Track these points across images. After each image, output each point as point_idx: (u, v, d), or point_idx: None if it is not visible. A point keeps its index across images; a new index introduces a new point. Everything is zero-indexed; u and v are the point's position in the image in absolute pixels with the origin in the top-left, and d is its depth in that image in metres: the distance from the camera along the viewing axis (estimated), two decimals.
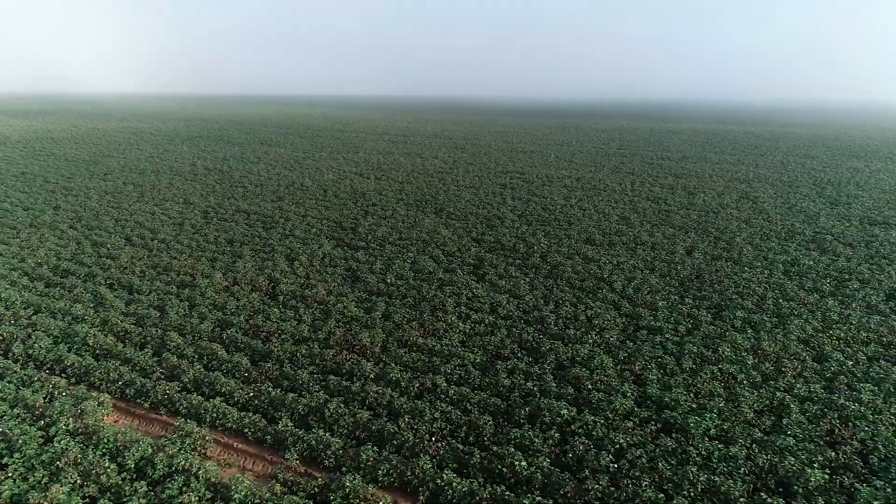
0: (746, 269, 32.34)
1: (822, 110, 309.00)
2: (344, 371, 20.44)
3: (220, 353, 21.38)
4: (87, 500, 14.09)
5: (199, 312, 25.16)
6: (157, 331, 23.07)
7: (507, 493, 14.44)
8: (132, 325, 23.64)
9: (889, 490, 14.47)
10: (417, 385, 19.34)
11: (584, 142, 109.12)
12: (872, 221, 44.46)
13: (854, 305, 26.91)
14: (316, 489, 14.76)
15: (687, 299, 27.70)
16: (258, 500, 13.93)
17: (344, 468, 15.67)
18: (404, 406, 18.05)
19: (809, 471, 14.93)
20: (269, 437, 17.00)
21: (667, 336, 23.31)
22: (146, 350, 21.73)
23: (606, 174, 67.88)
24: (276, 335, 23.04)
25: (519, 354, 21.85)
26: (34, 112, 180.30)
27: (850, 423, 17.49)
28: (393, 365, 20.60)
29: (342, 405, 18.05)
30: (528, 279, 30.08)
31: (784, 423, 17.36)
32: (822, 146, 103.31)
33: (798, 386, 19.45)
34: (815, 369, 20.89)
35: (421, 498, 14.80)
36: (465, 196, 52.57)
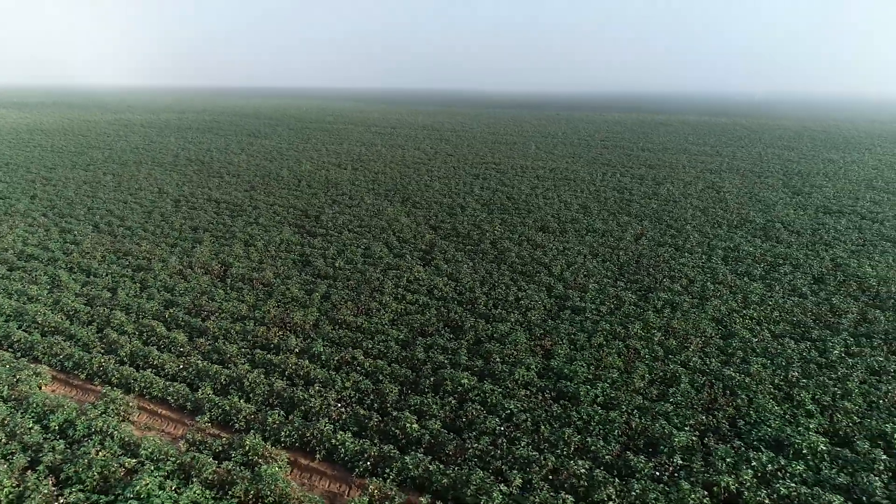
0: (686, 254, 33.48)
1: (820, 104, 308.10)
2: (272, 346, 21.74)
3: (159, 329, 22.69)
4: (8, 456, 15.41)
5: (148, 293, 26.48)
6: (105, 310, 24.39)
7: (395, 451, 15.73)
8: (83, 305, 24.96)
9: (743, 449, 15.72)
10: (337, 359, 20.62)
11: (569, 133, 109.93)
12: (827, 210, 45.48)
13: (777, 288, 28.06)
14: (220, 448, 16.08)
15: (619, 282, 28.88)
16: (163, 456, 15.25)
17: (252, 430, 16.98)
18: (319, 376, 19.35)
19: (678, 433, 16.19)
20: (189, 403, 18.33)
21: (587, 315, 24.52)
22: (91, 327, 23.03)
23: (582, 165, 68.88)
24: (215, 314, 24.34)
25: (442, 331, 23.10)
26: (31, 104, 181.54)
27: (730, 392, 18.73)
28: (319, 340, 21.90)
29: (262, 375, 19.36)
30: (471, 263, 31.28)
31: (670, 391, 18.60)
32: (807, 138, 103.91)
33: (695, 360, 20.67)
34: (719, 345, 22.09)
35: (317, 456, 16.10)
36: (435, 186, 53.69)
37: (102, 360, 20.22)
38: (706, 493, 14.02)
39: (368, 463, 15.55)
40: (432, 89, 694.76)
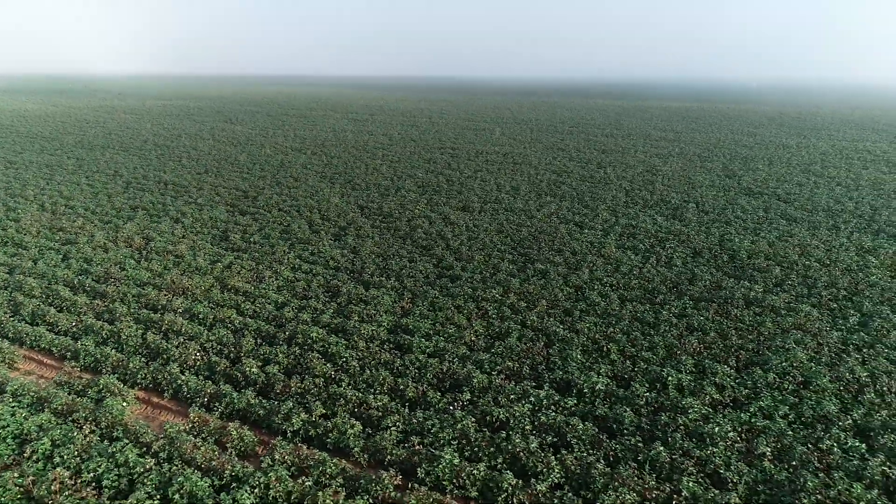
0: (586, 231, 35.65)
1: (815, 91, 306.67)
2: (159, 307, 24.18)
3: (63, 293, 25.13)
4: None
5: (67, 263, 28.92)
6: (22, 277, 26.84)
7: (231, 389, 18.16)
8: (4, 273, 27.39)
9: (530, 388, 18.08)
10: (212, 317, 23.05)
11: (542, 119, 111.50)
12: (749, 192, 47.48)
13: (652, 260, 30.27)
14: (80, 386, 18.56)
15: (508, 255, 31.13)
16: (25, 391, 17.73)
17: (116, 375, 19.43)
18: (191, 331, 21.78)
19: (478, 374, 18.56)
20: (69, 353, 20.79)
21: (461, 282, 26.82)
22: (4, 292, 25.48)
23: (537, 149, 70.78)
24: (121, 281, 26.76)
25: (319, 296, 25.47)
26: (24, 91, 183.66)
27: (548, 344, 21.08)
28: (203, 302, 24.32)
29: (140, 329, 21.79)
30: (378, 238, 33.56)
31: (496, 344, 20.94)
32: (776, 124, 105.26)
33: (533, 318, 22.99)
34: (566, 307, 24.38)
35: (165, 395, 18.57)
36: (382, 169, 55.84)
37: (1, 317, 22.67)
38: (477, 422, 16.40)
39: (205, 399, 17.97)
40: (432, 76, 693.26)
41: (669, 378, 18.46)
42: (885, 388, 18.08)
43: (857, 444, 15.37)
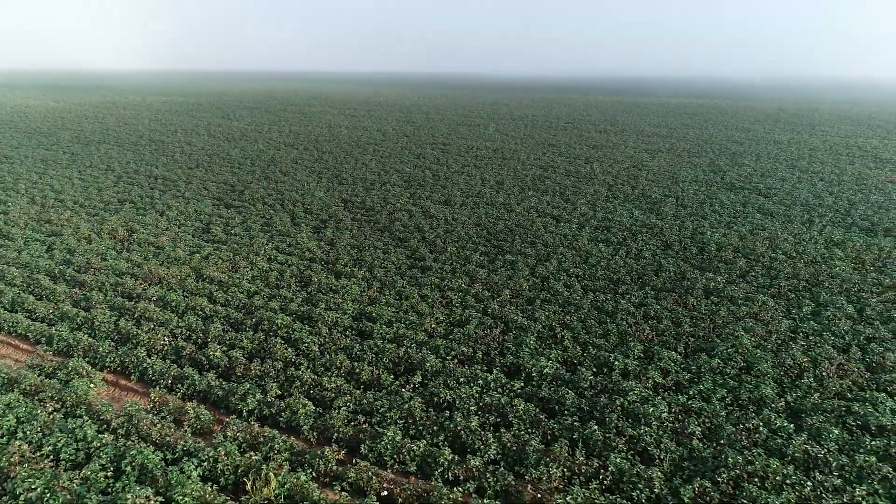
0: (562, 224, 36.27)
1: (822, 88, 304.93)
2: (134, 295, 25.00)
3: (44, 282, 26.00)
4: None
5: (51, 254, 29.79)
6: (4, 266, 27.71)
7: (194, 372, 18.94)
8: None
9: (479, 372, 18.78)
10: (185, 305, 23.85)
11: (538, 115, 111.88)
12: (731, 187, 47.97)
13: (622, 252, 30.88)
14: (51, 369, 19.39)
15: (482, 247, 31.80)
16: None
17: (87, 359, 20.26)
18: (158, 317, 22.59)
19: (431, 359, 19.26)
20: (44, 338, 21.63)
21: (430, 273, 27.53)
22: None
23: (528, 145, 71.31)
24: (100, 270, 27.59)
25: (291, 285, 26.23)
26: (28, 87, 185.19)
27: (504, 331, 21.78)
28: (178, 290, 25.13)
29: (113, 316, 22.61)
30: (356, 231, 34.30)
31: (455, 331, 21.64)
32: (772, 120, 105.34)
33: (494, 307, 23.66)
34: (529, 296, 25.05)
35: (132, 377, 19.38)
36: (371, 165, 56.54)
37: None
38: (425, 403, 17.15)
39: (169, 381, 18.77)
40: (441, 73, 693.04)
41: (616, 363, 19.12)
42: (823, 374, 18.68)
43: (785, 424, 15.99)
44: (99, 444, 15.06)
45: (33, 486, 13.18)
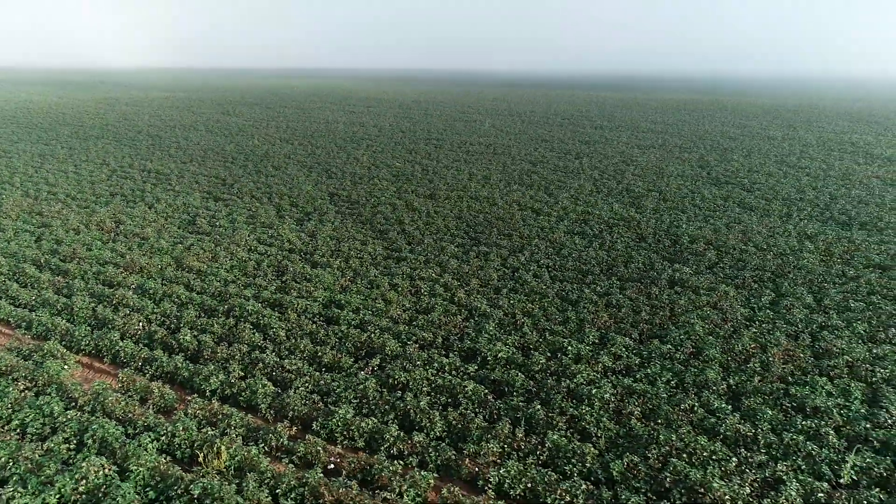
0: (542, 217, 36.87)
1: (826, 85, 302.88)
2: (114, 283, 25.87)
3: (29, 270, 26.92)
4: None
5: (39, 244, 30.73)
6: None
7: (164, 354, 19.76)
8: None
9: (437, 356, 19.50)
10: (161, 293, 24.69)
11: (537, 111, 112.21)
12: (715, 181, 48.37)
13: (595, 244, 31.46)
14: (28, 351, 20.28)
15: (458, 238, 32.48)
16: None
17: (64, 343, 21.13)
18: (135, 303, 23.44)
19: (391, 343, 20.00)
20: (24, 323, 22.54)
21: (405, 263, 28.23)
22: None
23: (521, 140, 71.80)
24: (84, 260, 28.49)
25: (267, 274, 27.03)
26: (34, 83, 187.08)
27: (468, 318, 22.47)
28: (156, 279, 25.97)
29: (92, 303, 23.48)
30: (337, 223, 35.05)
31: (419, 317, 22.35)
32: (770, 116, 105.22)
33: (461, 295, 24.35)
34: (496, 286, 25.72)
35: (105, 359, 20.24)
36: (363, 159, 57.27)
37: None
38: (380, 384, 17.91)
39: (139, 363, 19.61)
40: (448, 70, 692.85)
41: (570, 348, 19.78)
42: (770, 359, 19.26)
43: (723, 405, 16.62)
44: (64, 420, 15.88)
45: None
